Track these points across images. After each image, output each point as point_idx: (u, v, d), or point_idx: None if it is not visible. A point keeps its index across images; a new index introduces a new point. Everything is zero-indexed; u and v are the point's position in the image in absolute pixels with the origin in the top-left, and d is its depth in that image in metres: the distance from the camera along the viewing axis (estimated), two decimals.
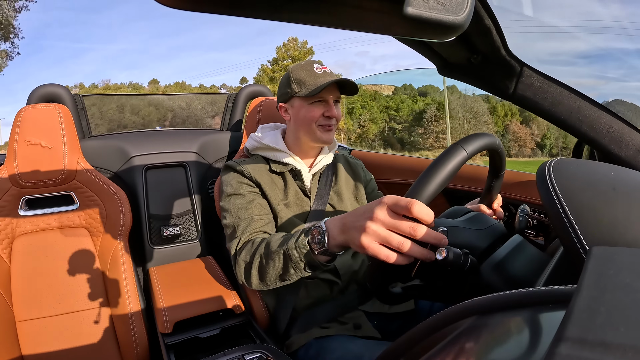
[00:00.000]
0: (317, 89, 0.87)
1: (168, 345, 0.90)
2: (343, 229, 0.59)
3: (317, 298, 0.90)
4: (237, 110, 1.63)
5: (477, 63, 0.57)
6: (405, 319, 0.94)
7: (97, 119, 12.02)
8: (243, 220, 0.85)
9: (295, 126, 0.95)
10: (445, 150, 0.52)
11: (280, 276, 0.73)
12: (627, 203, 0.34)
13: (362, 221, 0.53)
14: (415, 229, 0.49)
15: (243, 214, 0.86)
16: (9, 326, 0.99)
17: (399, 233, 0.50)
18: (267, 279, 0.75)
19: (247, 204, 0.88)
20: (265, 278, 0.76)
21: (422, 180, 0.50)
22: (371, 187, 1.10)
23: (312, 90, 0.87)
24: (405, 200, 0.49)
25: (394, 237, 0.50)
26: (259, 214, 0.87)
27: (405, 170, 1.45)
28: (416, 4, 0.21)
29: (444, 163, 0.50)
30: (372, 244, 0.51)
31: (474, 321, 0.28)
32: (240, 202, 0.88)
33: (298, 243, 0.66)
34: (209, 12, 0.21)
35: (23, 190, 1.06)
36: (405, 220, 0.50)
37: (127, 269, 1.09)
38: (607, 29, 0.69)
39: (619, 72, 0.80)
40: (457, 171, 0.50)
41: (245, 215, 0.86)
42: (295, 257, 0.67)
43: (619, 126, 0.56)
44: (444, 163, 0.50)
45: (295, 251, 0.67)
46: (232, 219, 0.87)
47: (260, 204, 0.89)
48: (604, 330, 0.16)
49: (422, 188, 0.49)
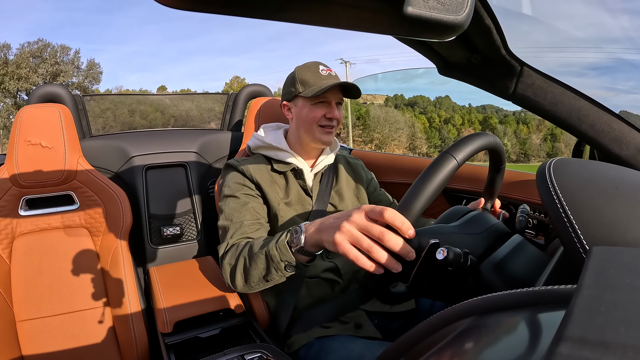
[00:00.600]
0: (320, 90, 0.89)
1: (168, 345, 0.90)
2: (320, 228, 0.62)
3: (318, 297, 0.90)
4: (237, 110, 1.63)
5: (477, 63, 0.57)
6: (406, 318, 0.94)
7: (111, 121, 13.49)
8: (233, 224, 0.87)
9: (297, 125, 0.96)
10: (435, 160, 0.51)
11: (264, 277, 0.75)
12: (627, 203, 0.34)
13: (338, 222, 0.56)
14: (383, 234, 0.50)
15: (235, 218, 0.88)
16: (9, 326, 0.99)
17: (371, 238, 0.52)
18: (251, 281, 0.78)
19: (240, 207, 0.89)
20: (249, 280, 0.78)
21: (410, 195, 0.50)
22: (373, 186, 1.11)
23: (315, 91, 0.89)
24: (379, 207, 0.52)
25: (364, 239, 0.52)
26: (250, 219, 0.88)
27: (405, 170, 1.45)
28: (416, 4, 0.21)
29: (433, 174, 0.49)
30: (344, 243, 0.54)
31: (473, 321, 0.28)
32: (234, 204, 0.90)
33: (278, 244, 0.69)
34: (209, 12, 0.21)
35: (23, 190, 1.06)
36: (376, 225, 0.52)
37: (128, 269, 1.09)
38: (617, 39, 0.69)
39: (628, 84, 0.80)
40: (447, 181, 0.50)
41: (237, 219, 0.88)
42: (275, 258, 0.70)
43: (619, 126, 0.56)
44: (433, 174, 0.49)
45: (275, 252, 0.69)
46: (225, 220, 0.90)
47: (254, 207, 0.90)
48: (604, 330, 0.16)
49: (410, 203, 0.49)
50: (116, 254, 1.10)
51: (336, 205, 0.98)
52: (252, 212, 0.89)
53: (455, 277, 0.53)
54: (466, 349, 0.25)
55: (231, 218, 0.89)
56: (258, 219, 0.89)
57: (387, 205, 1.08)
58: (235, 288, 0.83)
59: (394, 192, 1.18)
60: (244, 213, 0.88)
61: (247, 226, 0.87)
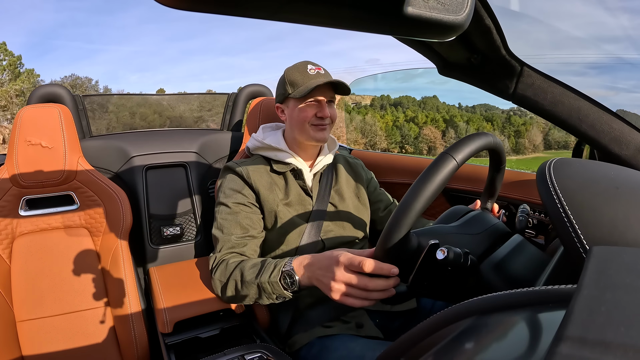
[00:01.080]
0: (307, 89, 0.89)
1: (168, 345, 0.90)
2: (311, 279, 0.68)
3: (320, 297, 0.90)
4: (237, 110, 1.63)
5: (477, 63, 0.57)
6: (407, 317, 0.94)
7: (114, 122, 14.65)
8: (223, 236, 0.90)
9: (291, 126, 0.97)
10: (434, 161, 0.51)
11: (256, 300, 0.81)
12: (627, 203, 0.34)
13: (326, 280, 0.63)
14: (367, 285, 0.58)
15: (225, 229, 0.90)
16: (9, 326, 0.99)
17: None
18: (242, 301, 0.84)
19: (231, 218, 0.91)
20: (240, 300, 0.84)
21: (409, 196, 0.50)
22: (373, 185, 1.11)
23: (303, 91, 0.89)
24: (357, 259, 0.58)
25: (354, 292, 0.60)
26: (239, 233, 0.90)
27: (405, 170, 1.45)
28: (416, 4, 0.21)
29: (432, 175, 0.49)
30: (340, 297, 0.62)
31: (474, 321, 0.28)
32: (225, 214, 0.92)
33: (271, 280, 0.74)
34: (209, 12, 0.21)
35: (23, 191, 1.06)
36: (359, 277, 0.59)
37: (128, 269, 1.09)
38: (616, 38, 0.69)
39: (629, 82, 0.80)
40: (447, 181, 0.50)
41: (227, 231, 0.90)
42: (267, 290, 0.75)
43: (619, 126, 0.56)
44: (432, 175, 0.49)
45: (268, 286, 0.75)
46: (216, 229, 0.92)
47: (245, 219, 0.91)
48: (604, 329, 0.16)
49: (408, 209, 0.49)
50: (116, 254, 1.10)
51: (336, 204, 0.98)
52: (242, 225, 0.90)
53: (456, 276, 0.53)
54: (466, 349, 0.25)
55: (222, 229, 0.91)
56: (247, 232, 0.90)
57: (388, 205, 1.09)
58: (226, 302, 0.89)
59: (394, 192, 1.18)
60: (234, 226, 0.90)
61: (234, 241, 0.89)
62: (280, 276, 0.73)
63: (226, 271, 0.84)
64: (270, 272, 0.75)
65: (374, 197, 1.09)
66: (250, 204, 0.93)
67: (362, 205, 1.03)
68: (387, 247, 0.52)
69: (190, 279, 1.08)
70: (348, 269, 0.61)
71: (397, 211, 0.50)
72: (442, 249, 0.49)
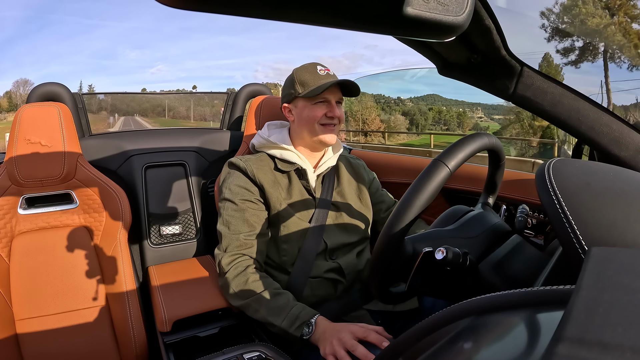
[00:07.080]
0: (319, 89, 0.89)
1: (167, 344, 0.90)
2: (321, 338, 0.75)
3: (322, 297, 0.90)
4: (236, 109, 1.63)
5: (477, 63, 0.57)
6: (409, 317, 0.95)
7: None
8: (230, 234, 0.90)
9: (299, 126, 0.96)
10: (426, 169, 0.50)
11: (265, 324, 0.83)
12: (626, 204, 0.34)
13: (332, 340, 0.72)
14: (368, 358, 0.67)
15: (232, 226, 0.90)
16: (8, 325, 0.99)
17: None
18: (252, 317, 0.86)
19: (238, 215, 0.90)
20: (251, 315, 0.86)
21: (401, 206, 0.50)
22: (375, 186, 1.11)
23: (315, 90, 0.90)
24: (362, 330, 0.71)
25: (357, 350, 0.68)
26: (246, 231, 0.90)
27: (405, 170, 1.45)
28: (416, 4, 0.21)
29: (423, 184, 0.49)
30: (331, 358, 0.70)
31: (472, 321, 0.28)
32: (232, 211, 0.91)
33: (289, 333, 0.78)
34: (209, 11, 0.21)
35: (23, 189, 1.05)
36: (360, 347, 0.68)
37: (127, 268, 1.09)
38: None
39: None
40: (439, 189, 0.50)
41: (234, 228, 0.90)
42: (281, 333, 0.80)
43: (618, 127, 0.56)
44: (423, 184, 0.49)
45: (281, 331, 0.79)
46: (222, 226, 0.92)
47: (252, 216, 0.91)
48: (603, 330, 0.16)
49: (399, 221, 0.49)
50: (115, 252, 1.10)
51: (339, 206, 0.98)
52: (249, 223, 0.90)
53: (455, 276, 0.53)
54: (464, 349, 0.25)
55: (228, 225, 0.90)
56: (254, 229, 0.90)
57: (390, 206, 1.09)
58: (229, 303, 0.91)
59: (395, 192, 1.18)
60: (242, 224, 0.90)
61: (242, 240, 0.89)
62: (299, 330, 0.77)
63: (243, 284, 0.85)
64: (290, 324, 0.78)
65: (376, 198, 1.09)
66: (256, 200, 0.92)
67: (364, 206, 1.03)
68: (378, 268, 0.53)
69: (189, 278, 1.08)
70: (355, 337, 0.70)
71: (388, 223, 0.50)
72: (441, 249, 0.49)
